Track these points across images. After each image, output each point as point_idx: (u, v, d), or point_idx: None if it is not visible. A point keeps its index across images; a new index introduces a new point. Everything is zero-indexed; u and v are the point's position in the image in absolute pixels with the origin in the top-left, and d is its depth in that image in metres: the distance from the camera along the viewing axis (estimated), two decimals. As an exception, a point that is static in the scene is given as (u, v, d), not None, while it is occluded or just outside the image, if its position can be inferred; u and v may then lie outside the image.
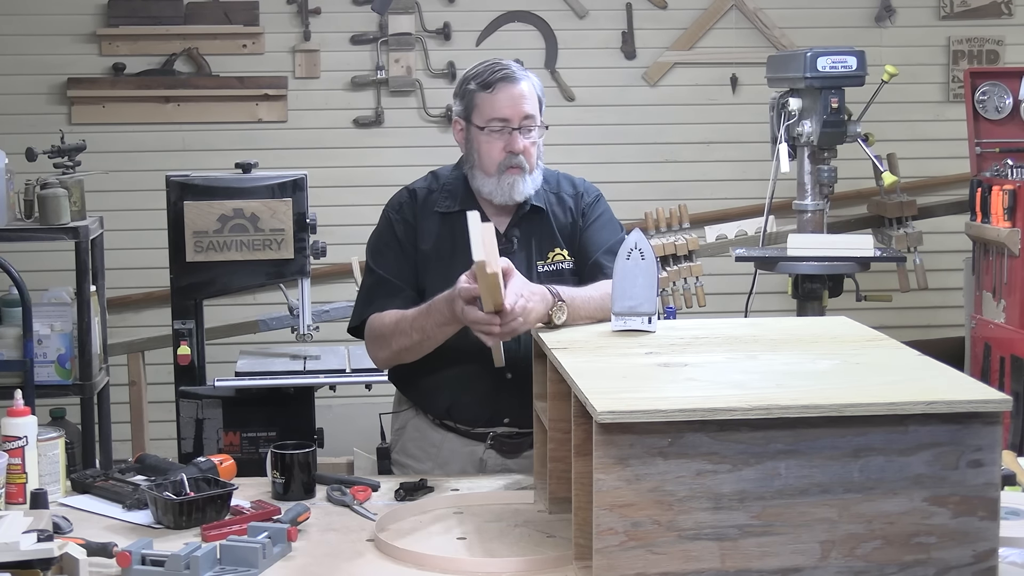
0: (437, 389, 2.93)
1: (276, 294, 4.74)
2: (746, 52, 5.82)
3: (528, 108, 2.89)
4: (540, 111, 2.94)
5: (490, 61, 2.96)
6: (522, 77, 2.91)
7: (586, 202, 3.06)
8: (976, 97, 5.35)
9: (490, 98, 2.88)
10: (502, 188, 2.89)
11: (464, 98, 2.94)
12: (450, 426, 2.96)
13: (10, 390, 2.77)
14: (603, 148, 5.82)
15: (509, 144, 2.87)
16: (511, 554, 2.32)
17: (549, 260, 2.96)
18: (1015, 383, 4.76)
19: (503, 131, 2.88)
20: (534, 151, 2.91)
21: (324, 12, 5.72)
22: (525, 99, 2.88)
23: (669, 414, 1.98)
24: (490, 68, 2.92)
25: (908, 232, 5.27)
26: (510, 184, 2.89)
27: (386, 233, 2.98)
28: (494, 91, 2.88)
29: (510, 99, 2.87)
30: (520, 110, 2.88)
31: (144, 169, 5.46)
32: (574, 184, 3.09)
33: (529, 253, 2.95)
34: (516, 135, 2.88)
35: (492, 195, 2.91)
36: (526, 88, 2.90)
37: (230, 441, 3.97)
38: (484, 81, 2.90)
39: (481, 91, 2.90)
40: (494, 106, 2.88)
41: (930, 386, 2.12)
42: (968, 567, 2.05)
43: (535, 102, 2.91)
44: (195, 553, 2.20)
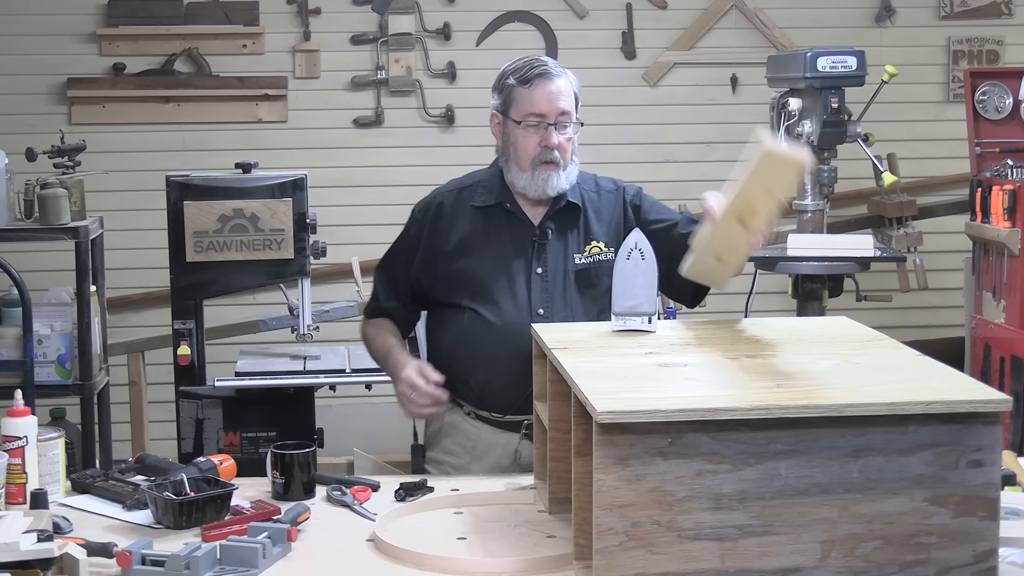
0: (471, 372, 2.97)
1: (276, 294, 4.73)
2: (746, 52, 5.82)
3: (564, 104, 2.95)
4: (576, 108, 3.00)
5: (530, 57, 3.03)
6: (559, 74, 2.97)
7: (631, 194, 3.14)
8: (976, 97, 5.35)
9: (528, 93, 2.95)
10: (536, 183, 2.96)
11: (502, 92, 3.01)
12: (484, 417, 2.99)
13: (10, 390, 2.77)
14: (603, 148, 5.81)
15: (544, 139, 2.94)
16: (511, 554, 2.32)
17: (587, 253, 3.02)
18: (1015, 383, 4.76)
19: (539, 126, 2.94)
20: (569, 147, 2.98)
21: (324, 12, 5.72)
22: (562, 95, 2.95)
23: (669, 414, 1.98)
24: (529, 64, 2.98)
25: (908, 232, 5.27)
26: (544, 179, 2.96)
27: (407, 229, 3.11)
28: (532, 87, 2.95)
29: (547, 95, 2.94)
30: (556, 106, 2.94)
31: (144, 169, 5.46)
32: (613, 181, 3.17)
33: (565, 245, 3.01)
34: (551, 130, 2.94)
35: (526, 189, 2.98)
36: (563, 85, 2.96)
37: (230, 441, 3.97)
38: (523, 76, 2.96)
39: (519, 86, 2.96)
40: (531, 101, 2.94)
41: (930, 386, 2.12)
42: (968, 567, 2.05)
43: (571, 99, 2.98)
44: (195, 553, 2.20)
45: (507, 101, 2.99)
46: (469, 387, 3.00)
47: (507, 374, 2.92)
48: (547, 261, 2.99)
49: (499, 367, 2.93)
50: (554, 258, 3.00)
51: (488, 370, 2.95)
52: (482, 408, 3.00)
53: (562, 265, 3.00)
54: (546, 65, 2.98)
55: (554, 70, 2.97)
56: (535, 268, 2.98)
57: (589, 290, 3.00)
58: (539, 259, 2.99)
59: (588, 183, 3.10)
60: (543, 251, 3.00)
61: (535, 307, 2.95)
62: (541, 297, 2.96)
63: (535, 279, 2.98)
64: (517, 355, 2.86)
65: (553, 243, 3.01)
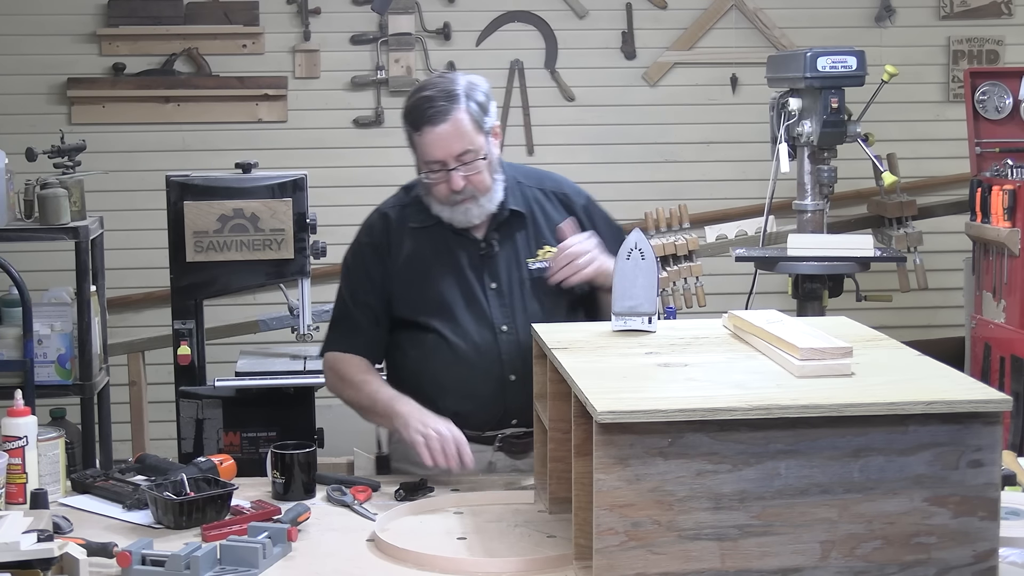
0: (440, 398, 2.86)
1: (276, 294, 4.73)
2: (746, 52, 5.82)
3: (462, 144, 2.79)
4: (484, 129, 2.83)
5: (423, 91, 2.84)
6: (453, 109, 2.78)
7: (580, 204, 3.02)
8: (976, 97, 5.34)
9: (421, 141, 2.82)
10: (457, 216, 2.87)
11: (406, 131, 2.89)
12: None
13: (10, 390, 2.77)
14: (603, 148, 5.82)
15: (449, 183, 2.81)
16: (511, 554, 2.32)
17: (539, 258, 2.92)
18: (1015, 383, 4.76)
19: (441, 171, 2.81)
20: (481, 177, 2.82)
21: (324, 12, 5.72)
22: (457, 137, 2.78)
23: (669, 414, 1.98)
24: (420, 104, 2.81)
25: (908, 232, 5.27)
26: (464, 211, 2.85)
27: (354, 260, 2.98)
28: (423, 134, 2.80)
29: (441, 140, 2.78)
30: (451, 150, 2.79)
31: (144, 169, 5.46)
32: (559, 182, 3.06)
33: (514, 254, 2.92)
34: (454, 176, 2.80)
35: (451, 221, 2.88)
36: (458, 121, 2.78)
37: (230, 441, 3.97)
38: (413, 121, 2.83)
39: (414, 132, 2.83)
40: (425, 150, 2.81)
41: (930, 386, 2.12)
42: (968, 567, 2.05)
43: (472, 131, 2.80)
44: (195, 553, 2.20)
45: (410, 143, 2.87)
46: (438, 410, 2.86)
47: (480, 398, 2.86)
48: (499, 275, 2.90)
49: (471, 393, 2.85)
50: (506, 270, 2.90)
51: (460, 396, 2.85)
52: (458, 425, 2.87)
53: (516, 275, 2.90)
54: (434, 105, 2.78)
55: (445, 107, 2.78)
56: (489, 284, 2.89)
57: (549, 296, 2.88)
58: (491, 274, 2.90)
59: (531, 180, 2.99)
60: (493, 264, 2.90)
61: (497, 325, 2.87)
62: (501, 313, 2.88)
63: (491, 295, 2.89)
64: (487, 378, 2.83)
65: (502, 254, 2.91)
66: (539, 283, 2.90)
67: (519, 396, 2.82)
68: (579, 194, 3.06)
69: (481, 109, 2.84)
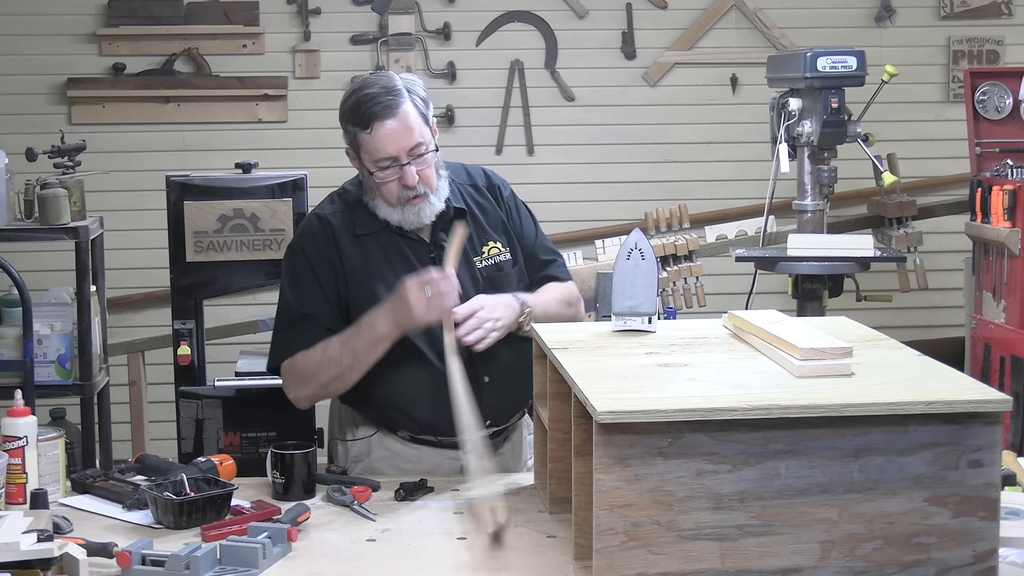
0: (412, 407, 2.83)
1: (276, 294, 4.72)
2: (746, 52, 5.82)
3: (413, 138, 2.76)
4: (428, 123, 2.81)
5: (363, 90, 2.79)
6: (399, 103, 2.75)
7: (507, 194, 3.00)
8: (976, 97, 5.34)
9: (371, 139, 2.76)
10: (407, 218, 2.81)
11: (347, 134, 2.83)
12: (428, 440, 2.88)
13: (10, 390, 2.77)
14: (603, 148, 5.82)
15: (403, 179, 2.77)
16: (511, 554, 2.32)
17: (485, 255, 2.90)
18: (1015, 383, 4.76)
19: (393, 168, 2.77)
20: (431, 172, 2.80)
21: (324, 12, 5.72)
22: (408, 130, 2.76)
23: (669, 414, 1.98)
24: (364, 101, 2.76)
25: (908, 232, 5.27)
26: (415, 212, 2.81)
27: (298, 267, 2.88)
28: (373, 131, 2.75)
29: (392, 135, 2.75)
30: (404, 144, 2.76)
31: (144, 169, 5.46)
32: (486, 175, 3.02)
33: (466, 253, 2.86)
34: (408, 170, 2.76)
35: (401, 223, 2.83)
36: (406, 115, 2.76)
37: (230, 441, 3.96)
38: (360, 119, 2.77)
39: (361, 131, 2.78)
40: (377, 147, 2.76)
41: (930, 386, 2.12)
42: (968, 567, 2.05)
43: (420, 125, 2.78)
44: (195, 553, 2.20)
45: (355, 145, 2.82)
46: (412, 419, 2.85)
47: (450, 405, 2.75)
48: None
49: (442, 400, 2.68)
50: (461, 275, 2.80)
51: (430, 404, 2.79)
52: (426, 434, 2.87)
53: (467, 275, 2.85)
54: (380, 100, 2.75)
55: (392, 102, 2.74)
56: None
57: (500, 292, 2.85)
58: None
59: (461, 177, 2.95)
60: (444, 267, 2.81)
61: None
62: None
63: None
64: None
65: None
66: (490, 281, 2.87)
67: (493, 396, 2.81)
68: (504, 184, 3.03)
69: (424, 103, 2.82)
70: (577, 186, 5.78)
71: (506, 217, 2.96)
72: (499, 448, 2.92)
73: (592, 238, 5.40)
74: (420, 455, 2.89)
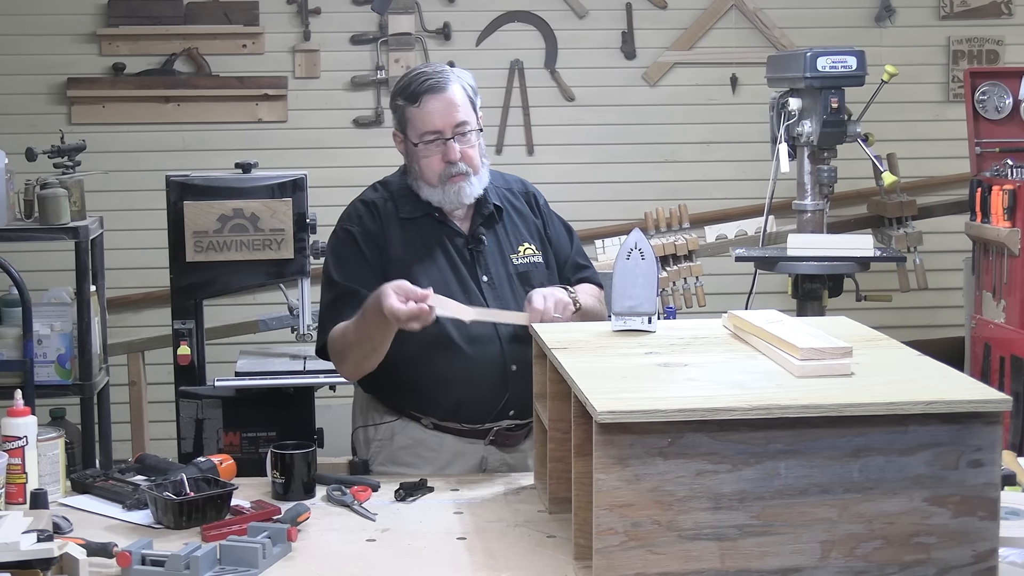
0: (444, 389, 2.87)
1: (276, 294, 4.74)
2: (746, 52, 5.82)
3: (460, 115, 2.86)
4: (475, 111, 2.91)
5: (416, 70, 2.92)
6: (449, 82, 2.87)
7: (541, 202, 3.09)
8: (976, 97, 5.35)
9: (419, 112, 2.86)
10: (448, 196, 2.88)
11: (396, 113, 2.93)
12: (452, 428, 2.90)
13: (10, 390, 2.77)
14: (603, 148, 5.82)
15: (446, 154, 2.85)
16: (511, 554, 2.32)
17: (521, 254, 2.97)
18: (1015, 383, 4.76)
19: (438, 142, 2.85)
20: (474, 153, 2.89)
21: (324, 12, 5.72)
22: (455, 107, 2.86)
23: (669, 414, 1.98)
24: (415, 79, 2.88)
25: (908, 232, 5.28)
26: (456, 191, 2.88)
27: (345, 245, 2.93)
28: (421, 104, 2.85)
29: (439, 110, 2.85)
30: (451, 119, 2.85)
31: (144, 169, 5.46)
32: (521, 182, 3.12)
33: (500, 249, 2.95)
34: (451, 144, 2.85)
35: (441, 203, 2.90)
36: (455, 93, 2.87)
37: (230, 441, 3.97)
38: (410, 94, 2.87)
39: (409, 105, 2.87)
40: (424, 120, 2.85)
41: (930, 386, 2.12)
42: (968, 567, 2.05)
43: (467, 106, 2.88)
44: (195, 553, 2.20)
45: (402, 121, 2.90)
46: (438, 404, 2.88)
47: (483, 388, 2.86)
48: (489, 268, 2.93)
49: (474, 383, 2.84)
50: (495, 264, 2.93)
51: (463, 387, 2.85)
52: (451, 421, 2.90)
53: (503, 270, 2.94)
54: (432, 77, 2.86)
55: (441, 80, 2.86)
56: (481, 277, 2.91)
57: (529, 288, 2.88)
58: (482, 267, 2.92)
59: (498, 182, 3.03)
60: (483, 258, 2.93)
61: None
62: (497, 305, 2.87)
63: (485, 288, 2.90)
64: (490, 368, 2.84)
65: (489, 249, 2.94)
66: (524, 278, 2.94)
67: (520, 386, 2.83)
68: (539, 194, 3.12)
69: (473, 91, 2.92)
70: (577, 186, 5.78)
71: (542, 225, 3.05)
72: (521, 443, 2.93)
73: (592, 238, 5.40)
74: (443, 443, 2.91)
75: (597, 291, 3.07)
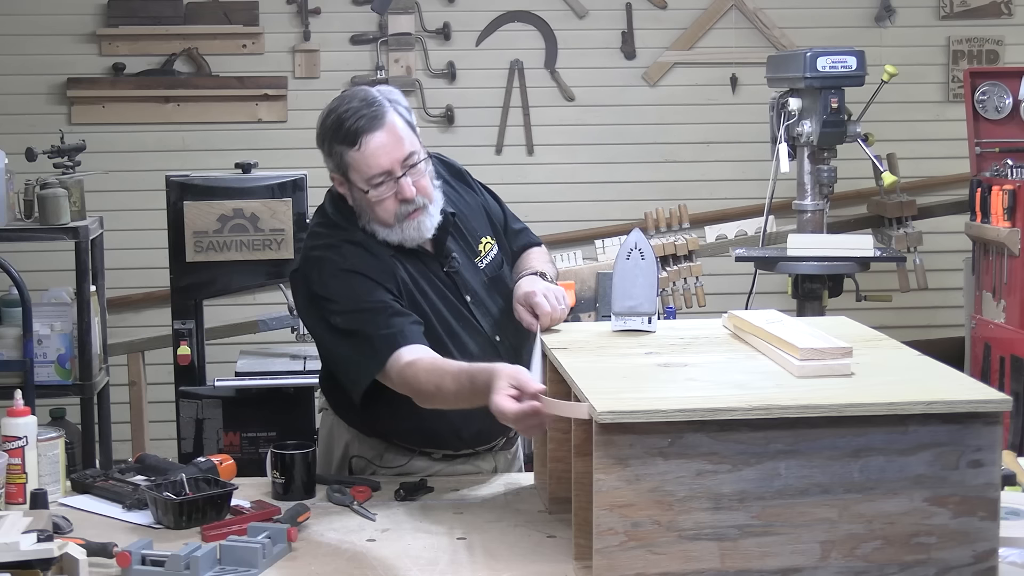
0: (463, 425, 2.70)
1: (276, 294, 4.74)
2: (746, 52, 5.82)
3: (405, 147, 2.60)
4: (415, 132, 2.65)
5: (343, 106, 2.63)
6: (385, 113, 2.60)
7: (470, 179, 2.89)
8: (976, 97, 5.35)
9: (361, 156, 2.59)
10: (408, 234, 2.64)
11: (332, 158, 2.66)
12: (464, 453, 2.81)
13: (10, 390, 2.77)
14: (603, 148, 5.82)
15: (400, 193, 2.60)
16: (511, 554, 2.32)
17: (483, 253, 2.79)
18: (1015, 383, 4.76)
19: (389, 182, 2.60)
20: (427, 182, 2.64)
21: (324, 12, 5.72)
22: (399, 140, 2.60)
23: (669, 414, 1.98)
24: (347, 117, 2.61)
25: (908, 232, 5.28)
26: (415, 227, 2.64)
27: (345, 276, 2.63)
28: (361, 146, 2.58)
29: (383, 148, 2.58)
30: (398, 155, 2.59)
31: (144, 169, 5.46)
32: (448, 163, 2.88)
33: (463, 256, 2.76)
34: (404, 183, 2.59)
35: (402, 242, 2.66)
36: (394, 124, 2.60)
37: (230, 441, 3.98)
38: (346, 136, 2.60)
39: (348, 149, 2.60)
40: (368, 163, 2.59)
41: (930, 386, 2.12)
42: (968, 567, 2.05)
43: (409, 133, 2.62)
44: (195, 553, 2.20)
45: (341, 166, 2.63)
46: (460, 438, 2.76)
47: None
48: (468, 285, 2.73)
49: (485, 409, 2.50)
50: (471, 277, 2.74)
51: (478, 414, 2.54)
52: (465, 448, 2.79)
53: (477, 278, 2.75)
54: (364, 113, 2.59)
55: (377, 112, 2.59)
56: (465, 297, 2.72)
57: (506, 290, 2.77)
58: (462, 287, 2.72)
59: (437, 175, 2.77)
60: (460, 278, 2.72)
61: (491, 335, 2.73)
62: (487, 323, 2.73)
63: (473, 308, 2.73)
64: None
65: (461, 262, 2.74)
66: (494, 281, 2.79)
67: None
68: (462, 167, 2.92)
69: (407, 112, 2.67)
70: (577, 186, 5.78)
71: (483, 203, 2.87)
72: (509, 446, 2.91)
73: (592, 238, 5.40)
74: (454, 467, 2.82)
75: (545, 254, 2.91)
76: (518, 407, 2.27)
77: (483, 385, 2.36)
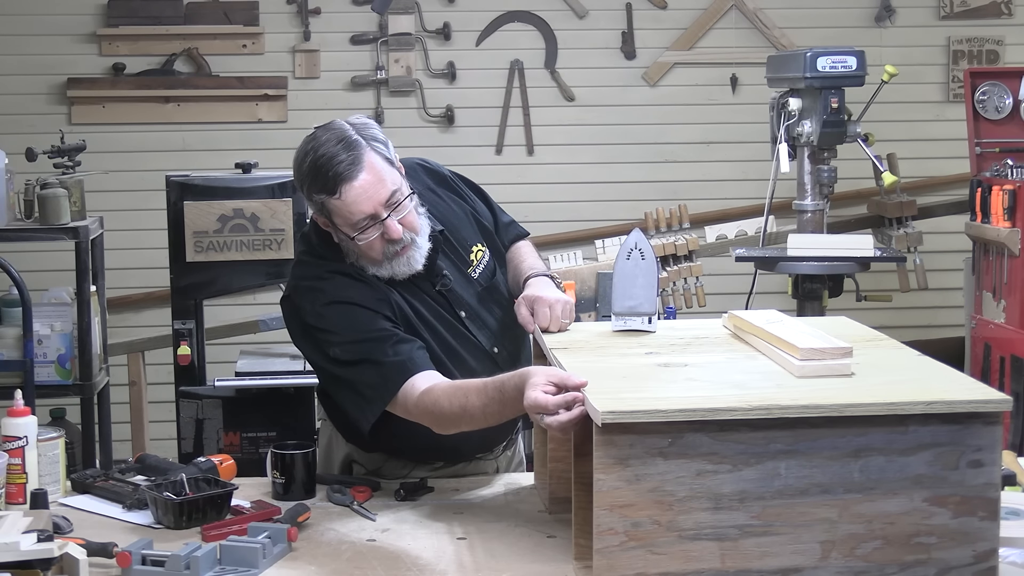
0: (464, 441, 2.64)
1: (276, 294, 4.73)
2: (746, 52, 5.82)
3: (388, 187, 2.53)
4: (395, 165, 2.58)
5: (317, 151, 2.54)
6: (362, 156, 2.52)
7: (457, 183, 2.85)
8: (976, 97, 5.35)
9: (342, 203, 2.51)
10: (398, 269, 2.60)
11: (313, 203, 2.58)
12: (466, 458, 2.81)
13: (10, 390, 2.77)
14: (603, 148, 5.82)
15: (387, 234, 2.54)
16: (511, 554, 2.32)
17: (475, 262, 2.76)
18: (1015, 383, 4.76)
19: (374, 225, 2.54)
20: (413, 216, 2.58)
21: (324, 12, 5.72)
22: (380, 182, 2.52)
23: (669, 414, 1.98)
24: (323, 164, 2.52)
25: (908, 232, 5.28)
26: (404, 262, 2.59)
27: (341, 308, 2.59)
28: (341, 195, 2.50)
29: (364, 193, 2.51)
30: (380, 197, 2.52)
31: (144, 169, 5.46)
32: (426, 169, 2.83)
33: (455, 270, 2.72)
34: (390, 223, 2.53)
35: (393, 276, 2.61)
36: (372, 164, 2.53)
37: (230, 441, 3.98)
38: (325, 185, 2.52)
39: (329, 198, 2.52)
40: (351, 210, 2.51)
41: (930, 386, 2.12)
42: (968, 567, 2.05)
43: (389, 170, 2.55)
44: (195, 553, 2.20)
45: (326, 213, 2.56)
46: (460, 453, 2.75)
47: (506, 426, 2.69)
48: (462, 300, 2.70)
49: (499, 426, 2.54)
50: (465, 292, 2.71)
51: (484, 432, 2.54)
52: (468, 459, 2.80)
53: (470, 290, 2.72)
54: (341, 158, 2.51)
55: (354, 157, 2.51)
56: (460, 313, 2.69)
57: (501, 299, 2.76)
58: (456, 303, 2.69)
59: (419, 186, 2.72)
60: (454, 295, 2.69)
61: (488, 349, 2.72)
62: (484, 336, 2.71)
63: (468, 324, 2.70)
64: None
65: (454, 280, 2.70)
66: (488, 290, 2.77)
67: None
68: (445, 170, 2.87)
69: (384, 145, 2.60)
70: (577, 186, 5.78)
71: (471, 210, 2.83)
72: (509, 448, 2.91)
73: (592, 238, 5.40)
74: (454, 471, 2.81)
75: (532, 248, 2.90)
76: (559, 397, 2.19)
77: (513, 390, 2.31)
